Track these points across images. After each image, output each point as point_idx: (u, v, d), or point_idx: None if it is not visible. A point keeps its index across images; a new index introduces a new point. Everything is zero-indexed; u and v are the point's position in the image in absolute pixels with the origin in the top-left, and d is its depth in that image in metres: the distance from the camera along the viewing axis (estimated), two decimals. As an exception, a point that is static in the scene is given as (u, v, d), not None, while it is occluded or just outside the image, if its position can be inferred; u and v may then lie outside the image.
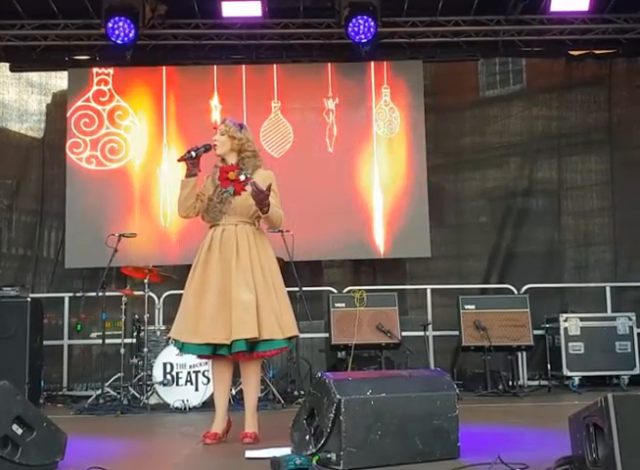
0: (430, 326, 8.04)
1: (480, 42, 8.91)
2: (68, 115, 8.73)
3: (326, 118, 8.80)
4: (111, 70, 8.83)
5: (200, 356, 4.75)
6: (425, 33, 8.75)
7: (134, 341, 7.11)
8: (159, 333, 6.91)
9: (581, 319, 7.84)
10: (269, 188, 4.32)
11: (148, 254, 8.27)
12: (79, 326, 8.27)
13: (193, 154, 4.46)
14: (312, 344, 8.22)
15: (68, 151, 8.66)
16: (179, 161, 4.53)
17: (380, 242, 8.63)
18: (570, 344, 7.77)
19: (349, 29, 8.06)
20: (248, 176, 4.49)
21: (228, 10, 8.19)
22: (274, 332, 4.38)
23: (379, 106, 8.83)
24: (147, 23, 8.29)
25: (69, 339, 8.27)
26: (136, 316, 7.16)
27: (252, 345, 4.35)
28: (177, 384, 6.56)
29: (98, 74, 8.82)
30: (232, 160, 4.60)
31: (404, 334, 7.70)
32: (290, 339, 4.56)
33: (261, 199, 4.31)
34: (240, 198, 4.49)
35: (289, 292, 4.70)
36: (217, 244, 4.47)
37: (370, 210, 8.66)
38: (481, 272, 8.92)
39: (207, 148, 4.53)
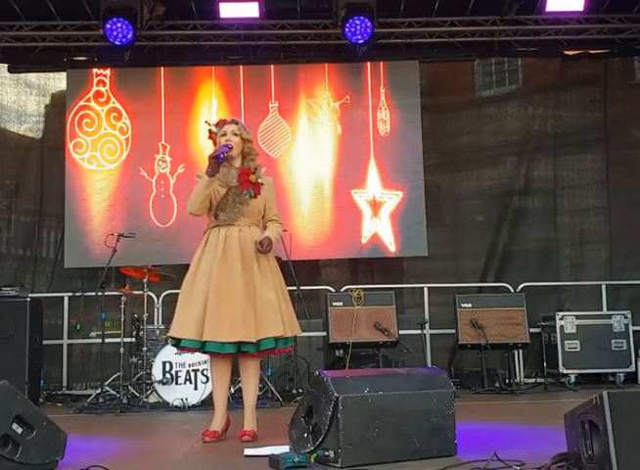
0: (427, 324, 8.09)
1: (475, 42, 8.93)
2: (71, 115, 8.74)
3: (323, 119, 8.83)
4: (108, 72, 8.85)
5: (217, 354, 4.51)
6: (421, 34, 8.78)
7: (133, 340, 7.11)
8: (158, 332, 6.92)
9: (577, 317, 7.87)
10: (269, 240, 4.47)
11: (147, 253, 8.30)
12: (79, 326, 8.28)
13: (224, 156, 4.44)
14: (310, 342, 8.24)
15: (71, 151, 8.68)
16: (216, 161, 4.44)
17: (388, 241, 8.65)
18: (566, 341, 7.80)
19: (346, 30, 8.08)
20: (262, 181, 4.60)
21: (226, 11, 8.20)
22: (294, 330, 4.58)
23: (375, 106, 8.86)
24: (145, 25, 8.31)
25: (69, 338, 8.29)
26: (135, 316, 7.17)
27: (274, 342, 4.48)
28: (176, 383, 6.59)
29: (97, 75, 8.85)
30: (237, 161, 4.63)
31: (401, 332, 7.73)
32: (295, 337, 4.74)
33: (270, 250, 4.50)
34: (255, 201, 4.56)
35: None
36: (236, 244, 4.46)
37: (367, 209, 8.69)
38: (478, 271, 8.95)
39: (229, 149, 4.53)
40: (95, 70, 8.87)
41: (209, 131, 4.70)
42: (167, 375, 6.58)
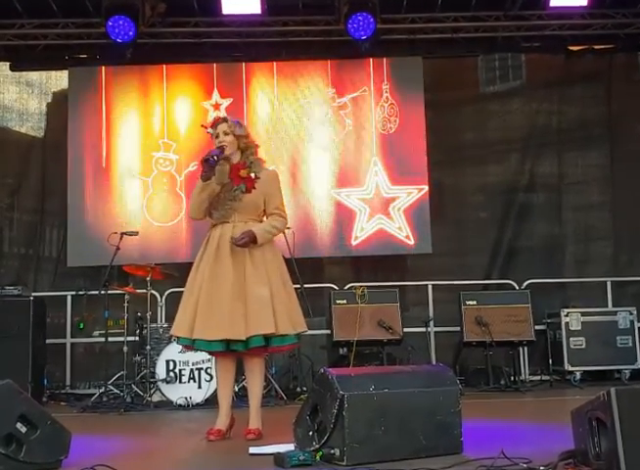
0: (431, 322, 8.06)
1: (479, 38, 8.92)
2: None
3: (326, 115, 8.81)
4: (104, 69, 8.81)
5: (211, 353, 4.60)
6: (424, 30, 8.75)
7: (137, 339, 7.10)
8: (161, 330, 6.93)
9: (582, 314, 7.85)
10: (248, 234, 4.36)
11: (150, 252, 8.29)
12: (82, 324, 8.29)
13: (216, 158, 4.38)
14: (314, 340, 8.20)
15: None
16: (208, 165, 4.38)
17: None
18: (571, 338, 7.78)
19: (349, 26, 8.06)
20: (257, 175, 4.53)
21: (228, 7, 8.18)
22: (288, 327, 4.43)
23: (378, 102, 8.83)
24: (147, 22, 8.30)
25: (72, 337, 8.28)
26: (138, 314, 7.15)
27: (267, 339, 4.39)
28: (180, 381, 6.59)
29: (99, 73, 8.82)
30: (236, 158, 4.59)
31: (406, 330, 7.71)
32: (298, 334, 4.60)
33: (245, 244, 4.37)
34: (250, 196, 4.50)
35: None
36: (228, 241, 4.43)
37: (368, 206, 8.66)
38: (483, 268, 8.93)
39: (221, 151, 4.48)
40: (98, 68, 8.83)
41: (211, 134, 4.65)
42: (171, 374, 6.58)
